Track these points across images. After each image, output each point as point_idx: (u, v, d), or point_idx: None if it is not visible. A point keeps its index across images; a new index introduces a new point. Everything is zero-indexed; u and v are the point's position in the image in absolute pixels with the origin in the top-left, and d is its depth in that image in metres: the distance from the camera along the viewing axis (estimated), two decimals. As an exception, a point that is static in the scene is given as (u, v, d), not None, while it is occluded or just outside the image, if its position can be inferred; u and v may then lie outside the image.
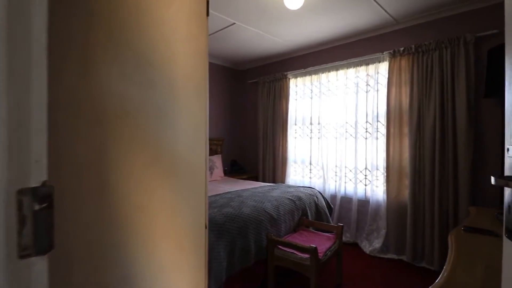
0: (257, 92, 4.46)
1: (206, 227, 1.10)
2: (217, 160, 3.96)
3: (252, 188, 3.00)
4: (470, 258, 1.21)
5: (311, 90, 3.75)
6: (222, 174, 3.99)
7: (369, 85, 3.21)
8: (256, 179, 4.40)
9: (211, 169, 3.79)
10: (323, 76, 3.61)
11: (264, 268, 2.21)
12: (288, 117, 3.95)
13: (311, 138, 3.77)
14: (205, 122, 1.12)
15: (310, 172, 3.78)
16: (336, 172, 3.49)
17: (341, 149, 3.42)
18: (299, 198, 2.67)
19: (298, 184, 3.77)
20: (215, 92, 4.46)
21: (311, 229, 2.57)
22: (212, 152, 4.35)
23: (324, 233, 2.46)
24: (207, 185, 1.13)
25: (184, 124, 1.02)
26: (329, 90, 3.57)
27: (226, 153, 4.64)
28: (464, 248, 1.30)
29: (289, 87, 3.95)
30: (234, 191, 2.78)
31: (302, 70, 3.79)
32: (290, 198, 2.61)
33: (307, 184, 3.77)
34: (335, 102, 3.49)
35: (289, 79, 3.96)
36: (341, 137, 3.43)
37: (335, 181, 3.50)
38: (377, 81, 3.14)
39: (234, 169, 4.63)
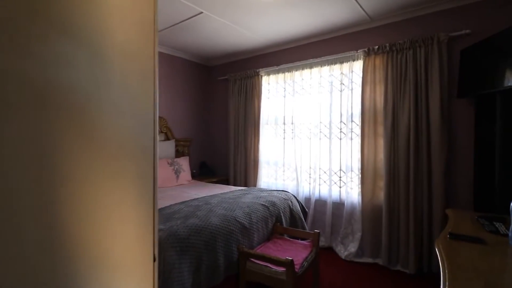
0: (227, 90, 4.21)
1: (154, 260, 0.84)
2: (184, 162, 3.65)
3: (221, 193, 2.75)
4: (466, 273, 1.08)
5: (284, 88, 3.58)
6: (190, 178, 3.69)
7: (344, 84, 3.11)
8: (227, 182, 4.14)
9: (177, 172, 3.47)
10: (297, 74, 3.46)
11: (235, 284, 1.98)
12: (260, 117, 3.75)
13: (284, 138, 3.60)
14: (153, 120, 0.86)
15: (284, 174, 3.61)
16: (310, 174, 3.35)
17: (315, 150, 3.29)
18: (273, 204, 2.48)
19: (271, 188, 3.58)
20: (181, 88, 4.13)
21: (285, 236, 2.39)
22: (179, 154, 4.02)
23: (300, 241, 2.28)
24: (156, 205, 0.87)
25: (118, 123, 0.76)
26: (303, 88, 3.43)
27: (194, 154, 4.33)
28: (455, 260, 1.18)
29: (261, 85, 3.76)
30: (201, 198, 2.51)
31: (275, 67, 3.62)
32: (263, 204, 2.40)
33: (280, 187, 3.59)
34: (309, 101, 3.36)
35: (261, 76, 3.76)
36: (315, 138, 3.30)
37: (309, 183, 3.36)
38: (352, 80, 3.05)
39: (203, 172, 4.34)
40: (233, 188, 3.20)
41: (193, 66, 4.30)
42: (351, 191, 3.05)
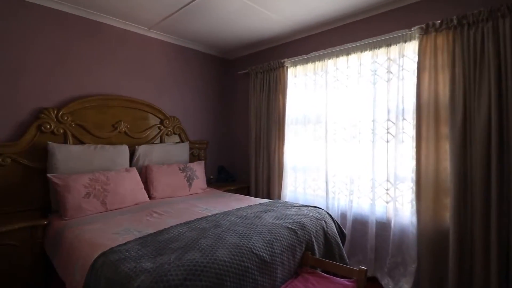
0: (248, 85, 3.70)
1: None
2: (198, 168, 3.19)
3: (238, 209, 2.24)
4: None
5: (315, 81, 3.00)
6: (205, 186, 3.22)
7: (391, 72, 2.46)
8: (247, 190, 3.64)
9: (189, 179, 3.01)
10: (330, 63, 2.87)
11: None
12: (285, 115, 3.19)
13: (314, 140, 3.01)
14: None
15: (314, 184, 3.03)
16: (347, 184, 2.74)
17: (354, 155, 2.67)
18: (302, 226, 1.92)
19: (299, 202, 3.02)
20: (196, 85, 3.69)
21: (318, 270, 1.82)
22: (194, 158, 3.58)
23: (339, 280, 1.70)
24: None
25: None
26: (337, 80, 2.82)
27: (212, 158, 3.87)
28: None
29: (286, 78, 3.20)
30: (211, 216, 2.01)
31: (304, 56, 3.04)
32: (290, 226, 1.85)
33: (309, 200, 3.02)
34: (346, 95, 2.74)
35: (286, 68, 3.21)
36: (353, 140, 2.68)
37: (346, 195, 2.75)
38: (402, 66, 2.40)
39: (221, 178, 3.87)
40: (252, 200, 2.68)
41: (209, 59, 3.84)
42: (401, 209, 2.40)
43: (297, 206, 2.34)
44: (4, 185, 2.25)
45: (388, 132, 2.48)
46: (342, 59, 2.78)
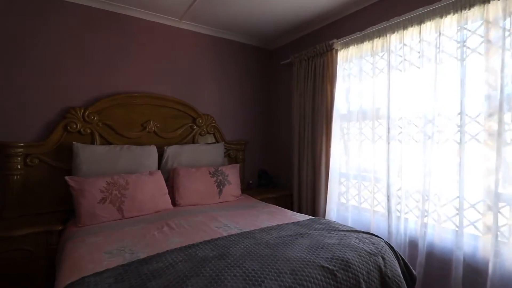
0: (291, 76, 3.17)
1: None
2: (232, 171, 2.80)
3: (262, 229, 1.76)
4: None
5: (372, 64, 2.32)
6: (238, 192, 2.82)
7: (490, 41, 1.66)
8: (290, 200, 3.12)
9: (220, 185, 2.65)
10: (394, 38, 2.15)
11: None
12: (334, 109, 2.58)
13: (373, 141, 2.33)
14: None
15: (371, 197, 2.34)
16: (418, 202, 2.01)
17: (430, 162, 1.92)
18: (346, 265, 1.34)
19: (348, 222, 2.39)
20: (233, 80, 3.32)
21: (369, 335, 1.22)
22: (231, 160, 3.23)
23: None
24: None
25: None
26: (404, 60, 2.09)
27: (252, 161, 3.46)
28: None
29: (336, 63, 2.58)
30: (223, 239, 1.57)
31: (358, 34, 2.38)
32: (327, 265, 1.30)
33: (364, 219, 2.36)
34: (417, 80, 2.01)
35: (336, 51, 2.59)
36: (428, 141, 1.94)
37: (417, 216, 2.01)
38: (510, 30, 1.59)
39: (263, 183, 3.43)
40: (288, 216, 2.16)
41: (247, 50, 3.43)
42: (506, 244, 1.59)
43: (344, 230, 1.74)
44: (32, 186, 2.22)
45: (485, 130, 1.68)
46: (411, 31, 2.05)
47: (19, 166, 2.17)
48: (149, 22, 2.76)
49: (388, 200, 2.14)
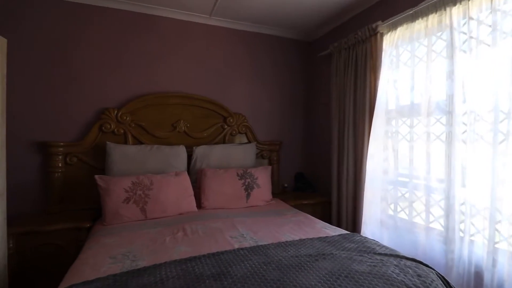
0: (330, 69, 2.83)
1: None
2: (262, 174, 2.60)
3: (278, 245, 1.51)
4: None
5: (427, 46, 1.87)
6: (269, 197, 2.61)
7: None
8: (328, 208, 2.80)
9: (248, 188, 2.48)
10: (456, 11, 1.69)
11: None
12: (379, 104, 2.18)
13: (427, 141, 1.88)
14: None
15: (427, 211, 1.90)
16: (488, 220, 1.53)
17: (505, 169, 1.44)
18: (373, 302, 1.03)
19: (391, 243, 1.99)
20: (267, 76, 3.12)
21: None
22: (264, 161, 3.03)
23: None
24: None
25: None
26: (470, 38, 1.62)
27: (287, 163, 3.21)
28: None
29: (381, 50, 2.18)
30: (230, 253, 1.38)
31: (409, 11, 1.95)
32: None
33: (414, 239, 1.92)
34: (488, 62, 1.53)
35: (381, 35, 2.19)
36: (504, 142, 1.46)
37: (485, 238, 1.54)
38: None
39: (300, 187, 3.16)
40: (316, 228, 1.87)
41: (283, 44, 3.19)
42: None
43: (381, 254, 1.39)
44: (71, 183, 2.36)
45: None
46: (479, 2, 1.57)
47: (60, 164, 2.32)
48: (180, 21, 2.73)
49: (448, 216, 1.70)
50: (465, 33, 1.64)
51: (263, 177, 2.60)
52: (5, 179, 1.54)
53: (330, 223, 2.62)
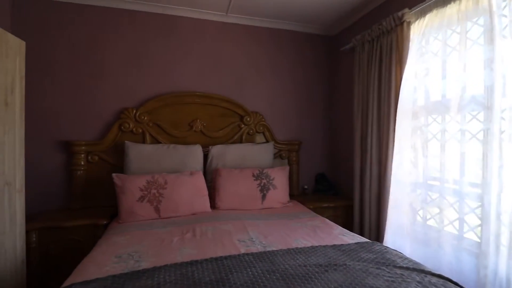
0: (352, 64, 2.65)
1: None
2: (279, 174, 2.51)
3: (287, 252, 1.41)
4: None
5: (460, 33, 1.65)
6: (286, 199, 2.51)
7: None
8: (350, 211, 2.63)
9: (264, 189, 2.40)
10: (498, -9, 1.47)
11: None
12: (404, 99, 1.98)
13: (462, 141, 1.66)
14: None
15: (461, 219, 1.68)
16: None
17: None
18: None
19: (415, 254, 1.80)
20: (286, 73, 3.01)
21: None
22: (282, 162, 2.93)
23: None
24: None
25: None
26: (515, 21, 1.40)
27: (308, 163, 3.08)
28: None
29: (408, 40, 1.98)
30: (234, 258, 1.31)
31: (439, -4, 1.75)
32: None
33: (443, 254, 1.70)
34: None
35: (407, 23, 1.99)
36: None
37: (535, 257, 1.31)
38: None
39: (320, 188, 3.01)
40: (332, 235, 1.73)
41: (303, 39, 3.05)
42: None
43: (402, 267, 1.24)
44: (93, 181, 2.43)
45: None
46: (528, -24, 1.35)
47: (82, 163, 2.40)
48: (196, 20, 2.72)
49: (483, 226, 1.48)
50: (505, 16, 1.42)
51: (280, 178, 2.50)
52: (24, 176, 1.60)
53: (352, 229, 2.46)
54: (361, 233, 2.40)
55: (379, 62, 2.23)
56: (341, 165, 3.00)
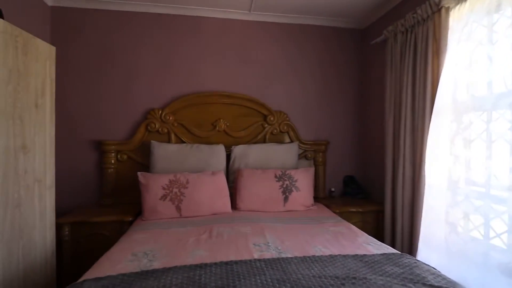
0: (384, 58, 2.45)
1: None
2: (303, 176, 2.40)
3: (305, 257, 1.32)
4: None
5: (510, 17, 1.42)
6: (310, 201, 2.40)
7: None
8: (381, 217, 2.44)
9: (286, 191, 2.31)
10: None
11: None
12: (441, 94, 1.77)
13: (510, 140, 1.43)
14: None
15: (508, 229, 1.45)
16: None
17: None
18: None
19: (451, 272, 1.59)
20: (312, 71, 2.88)
21: None
22: (308, 163, 2.82)
23: None
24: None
25: None
26: None
27: (335, 165, 2.92)
28: None
29: (446, 29, 1.76)
30: (245, 264, 1.25)
31: (484, -25, 1.52)
32: None
33: (486, 271, 1.48)
34: None
35: (446, 9, 1.77)
36: None
37: None
38: None
39: (348, 192, 2.84)
40: (356, 243, 1.60)
41: (331, 34, 2.90)
42: None
43: (433, 286, 1.08)
44: (122, 179, 2.54)
45: None
46: None
47: (112, 161, 2.52)
48: (220, 20, 2.71)
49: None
50: None
51: (303, 179, 2.40)
52: (54, 173, 1.71)
53: (383, 238, 2.28)
54: (393, 243, 2.21)
55: (413, 54, 2.02)
56: (372, 167, 2.80)
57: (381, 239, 2.38)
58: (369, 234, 2.40)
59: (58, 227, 2.05)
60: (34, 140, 1.51)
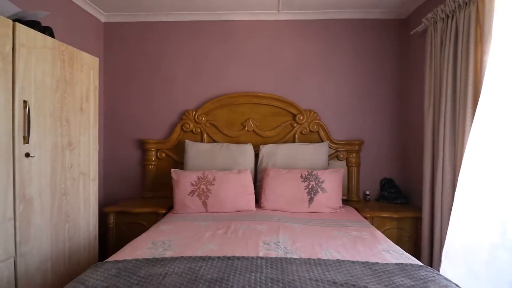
0: (424, 48, 2.21)
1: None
2: (331, 177, 2.31)
3: (309, 260, 1.28)
4: None
5: None
6: (338, 204, 2.30)
7: None
8: (419, 224, 2.22)
9: (311, 192, 2.26)
10: None
11: None
12: (486, 86, 1.53)
13: None
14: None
15: None
16: None
17: None
18: None
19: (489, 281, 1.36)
20: (345, 67, 2.75)
21: None
22: (340, 163, 2.70)
23: None
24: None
25: None
26: None
27: (371, 166, 2.74)
28: None
29: (491, 11, 1.52)
30: (245, 261, 1.26)
31: None
32: None
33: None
34: None
35: (492, -11, 1.53)
36: None
37: None
38: None
39: (385, 196, 2.64)
40: (373, 250, 1.49)
41: (366, 26, 2.71)
42: None
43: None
44: (161, 174, 2.78)
45: None
46: None
47: (153, 158, 2.78)
48: (250, 22, 2.77)
49: None
50: None
51: (331, 181, 2.31)
52: (97, 168, 1.96)
53: (421, 247, 2.08)
54: (431, 253, 2.00)
55: (454, 43, 1.79)
56: (412, 169, 2.55)
57: (419, 249, 2.17)
58: (406, 243, 2.25)
59: (105, 216, 2.35)
60: (79, 139, 1.77)
